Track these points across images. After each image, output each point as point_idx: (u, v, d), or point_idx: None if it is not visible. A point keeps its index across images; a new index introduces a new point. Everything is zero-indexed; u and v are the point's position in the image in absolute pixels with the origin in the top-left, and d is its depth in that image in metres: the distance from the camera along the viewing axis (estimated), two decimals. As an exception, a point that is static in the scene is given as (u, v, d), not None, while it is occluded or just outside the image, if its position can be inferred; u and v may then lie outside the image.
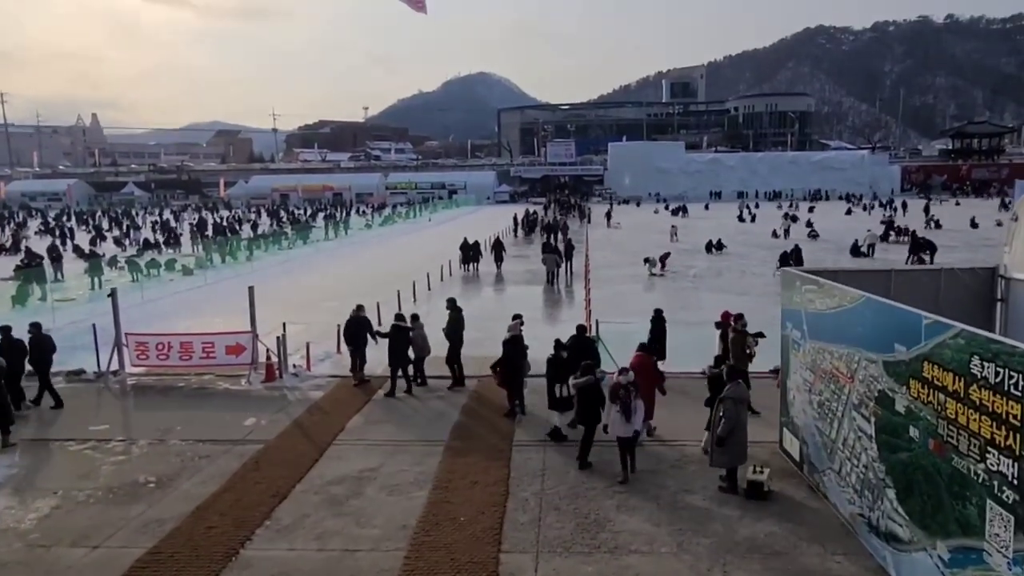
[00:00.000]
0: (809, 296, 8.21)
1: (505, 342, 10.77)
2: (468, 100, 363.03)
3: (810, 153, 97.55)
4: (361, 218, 56.07)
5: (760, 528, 7.29)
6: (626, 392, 8.23)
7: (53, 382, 12.63)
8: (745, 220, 49.83)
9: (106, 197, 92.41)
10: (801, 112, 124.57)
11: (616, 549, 6.95)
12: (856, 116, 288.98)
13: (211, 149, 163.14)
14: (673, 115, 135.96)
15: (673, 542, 7.06)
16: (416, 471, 8.80)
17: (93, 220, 56.32)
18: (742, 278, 25.31)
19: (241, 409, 11.18)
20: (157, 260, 27.75)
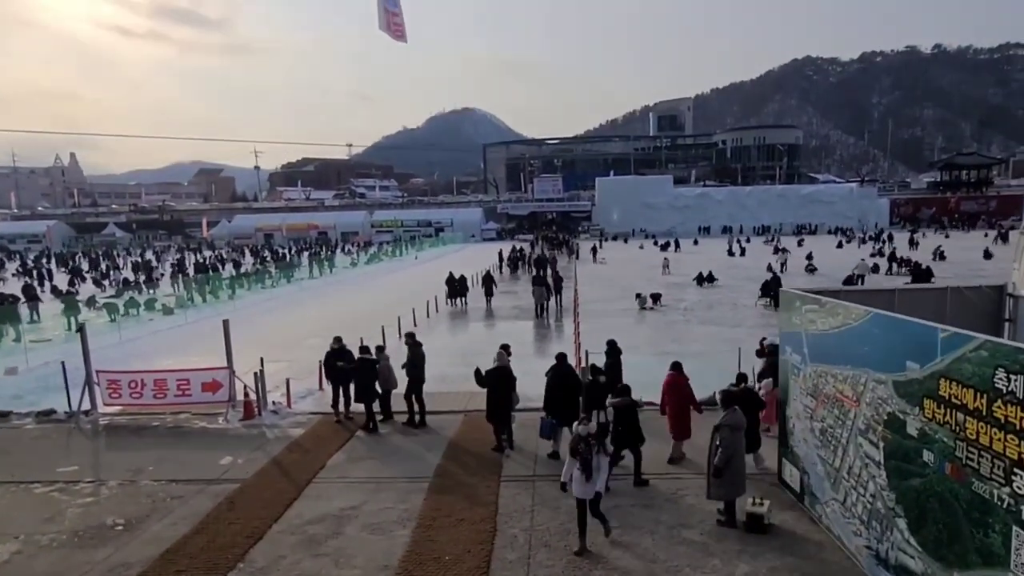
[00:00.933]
0: (810, 316, 7.94)
1: (488, 372, 10.42)
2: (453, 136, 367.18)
3: (799, 186, 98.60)
4: (347, 256, 55.75)
5: (761, 563, 6.89)
6: (586, 447, 7.08)
7: (23, 423, 12.18)
8: (735, 254, 50.07)
9: (87, 238, 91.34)
10: (789, 145, 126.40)
11: (610, 589, 6.53)
12: (844, 149, 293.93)
13: (193, 188, 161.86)
14: (661, 148, 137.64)
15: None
16: (400, 509, 8.36)
17: (73, 261, 55.53)
18: (734, 311, 25.10)
19: (217, 448, 10.70)
20: (136, 300, 27.21)
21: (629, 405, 8.96)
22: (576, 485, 7.13)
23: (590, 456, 7.02)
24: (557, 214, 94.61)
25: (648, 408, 12.06)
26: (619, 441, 8.92)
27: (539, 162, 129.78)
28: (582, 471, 7.02)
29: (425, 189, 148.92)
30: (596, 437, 7.11)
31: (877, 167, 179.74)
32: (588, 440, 7.09)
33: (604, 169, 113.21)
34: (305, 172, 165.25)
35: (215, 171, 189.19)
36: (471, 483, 9.05)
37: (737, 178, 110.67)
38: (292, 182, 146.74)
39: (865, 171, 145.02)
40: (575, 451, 7.07)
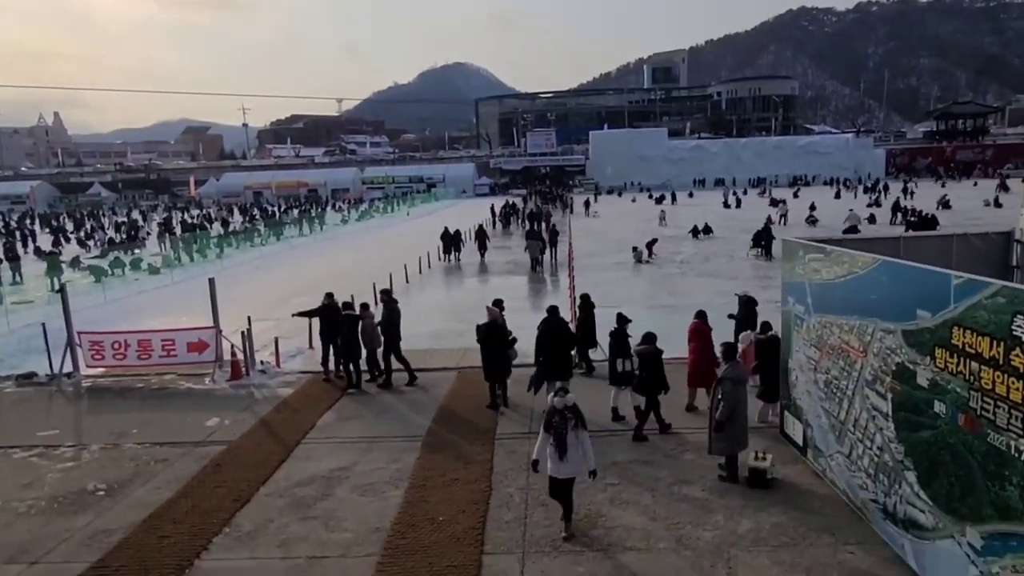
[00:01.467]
0: (814, 266, 7.59)
1: (478, 328, 10.11)
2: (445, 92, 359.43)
3: (795, 138, 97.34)
4: (337, 213, 54.92)
5: (765, 519, 6.69)
6: (561, 421, 6.28)
7: (2, 387, 11.87)
8: (731, 206, 49.70)
9: (71, 199, 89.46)
10: (785, 96, 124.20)
11: (609, 547, 6.32)
12: (839, 100, 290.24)
13: (180, 147, 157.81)
14: (655, 101, 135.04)
15: (671, 537, 6.45)
16: (392, 469, 8.12)
17: (57, 222, 54.48)
18: (731, 262, 24.83)
19: (204, 409, 10.43)
20: (121, 260, 26.66)
21: (654, 353, 8.79)
22: (551, 463, 6.43)
23: (564, 431, 6.27)
24: (551, 168, 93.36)
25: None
26: (643, 388, 8.81)
27: (532, 116, 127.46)
28: (556, 448, 6.31)
29: (417, 145, 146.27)
30: (572, 410, 6.35)
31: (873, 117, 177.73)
32: (564, 414, 6.31)
33: (598, 123, 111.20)
34: (295, 129, 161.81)
35: (202, 129, 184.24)
36: (465, 441, 8.81)
37: (732, 130, 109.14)
38: (281, 139, 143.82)
39: (861, 121, 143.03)
40: (549, 425, 6.34)
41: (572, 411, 6.34)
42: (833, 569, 5.82)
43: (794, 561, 5.95)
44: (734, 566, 5.92)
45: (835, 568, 5.83)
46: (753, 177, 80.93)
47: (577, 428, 6.31)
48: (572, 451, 6.28)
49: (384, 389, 11.18)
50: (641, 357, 8.80)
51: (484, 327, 10.11)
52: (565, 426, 6.27)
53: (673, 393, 10.53)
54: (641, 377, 8.83)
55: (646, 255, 25.55)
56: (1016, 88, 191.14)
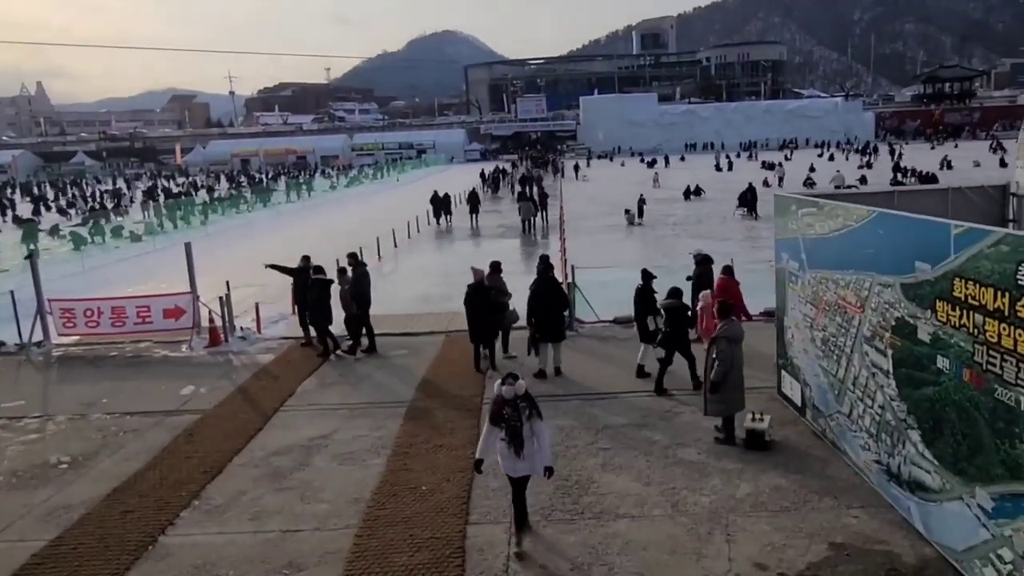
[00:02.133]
0: (807, 220, 7.21)
1: (468, 288, 9.74)
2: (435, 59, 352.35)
3: (784, 102, 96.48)
4: (326, 180, 53.97)
5: (764, 482, 6.41)
6: (514, 411, 5.35)
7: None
8: (722, 169, 49.55)
9: (54, 168, 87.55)
10: (773, 61, 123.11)
11: (602, 514, 6.03)
12: (827, 65, 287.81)
13: (166, 115, 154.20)
14: (644, 67, 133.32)
15: (667, 503, 6.16)
16: (374, 436, 7.78)
17: (38, 190, 53.15)
18: (723, 224, 24.62)
19: (179, 377, 10.02)
20: (102, 227, 25.94)
21: (679, 307, 8.65)
22: (504, 461, 5.53)
23: (519, 423, 5.32)
24: (541, 134, 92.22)
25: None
26: (669, 343, 8.60)
27: (522, 82, 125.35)
28: (511, 443, 5.37)
29: (407, 112, 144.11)
30: (525, 399, 5.41)
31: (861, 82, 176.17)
32: (516, 404, 5.35)
33: (588, 88, 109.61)
34: (283, 97, 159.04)
35: (189, 97, 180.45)
36: (451, 407, 8.48)
37: (722, 95, 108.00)
38: (269, 107, 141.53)
39: (849, 86, 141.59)
40: (498, 418, 5.38)
41: (525, 400, 5.40)
42: (837, 533, 5.55)
43: (795, 526, 5.68)
44: (732, 532, 5.64)
45: (839, 532, 5.56)
46: (744, 141, 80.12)
47: (532, 419, 5.39)
48: (529, 446, 5.40)
49: (369, 355, 10.78)
50: (667, 311, 8.62)
51: (469, 288, 9.73)
52: (519, 418, 5.33)
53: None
54: (666, 332, 8.63)
55: (638, 220, 25.25)
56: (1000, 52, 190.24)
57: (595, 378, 9.35)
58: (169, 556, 5.65)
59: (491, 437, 5.49)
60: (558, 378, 9.43)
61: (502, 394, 5.39)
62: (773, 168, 43.09)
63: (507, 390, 5.38)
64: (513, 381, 5.42)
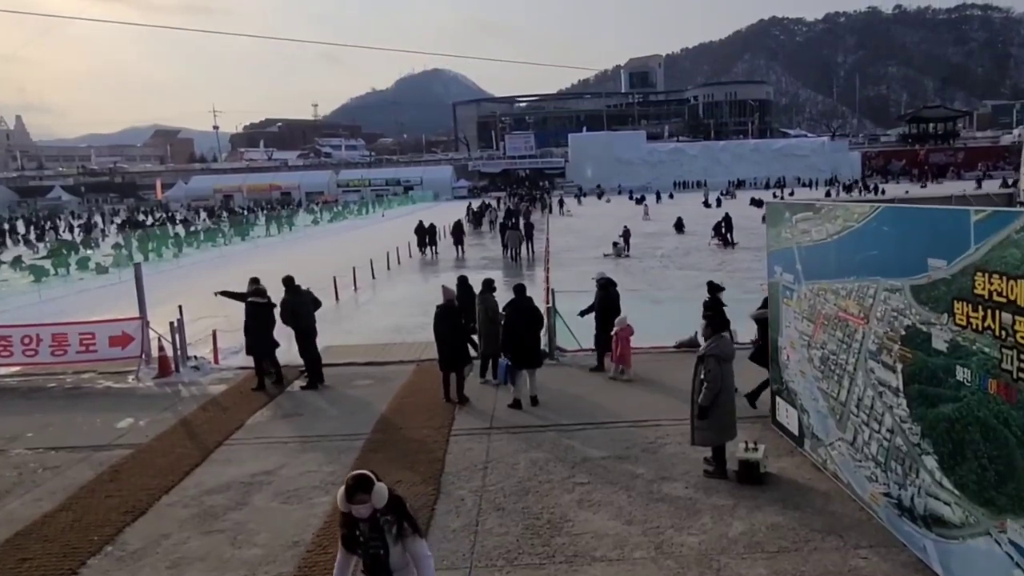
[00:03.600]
0: (802, 227, 6.61)
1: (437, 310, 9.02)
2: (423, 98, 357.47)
3: (771, 140, 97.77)
4: (309, 215, 53.38)
5: (760, 519, 5.64)
6: (374, 532, 3.46)
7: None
8: (710, 205, 49.84)
9: (30, 203, 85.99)
10: (760, 100, 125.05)
11: (576, 557, 5.23)
12: (813, 106, 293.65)
13: (149, 150, 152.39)
14: (633, 105, 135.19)
15: (650, 544, 5.36)
16: (324, 472, 6.96)
17: (9, 224, 51.97)
18: (712, 255, 24.20)
19: (119, 409, 9.16)
20: (66, 259, 25.08)
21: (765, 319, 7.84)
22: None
23: (382, 548, 3.44)
24: (530, 171, 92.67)
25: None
26: (762, 357, 7.89)
27: (510, 120, 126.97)
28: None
29: (394, 149, 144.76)
30: (391, 509, 3.45)
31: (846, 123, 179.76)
32: (375, 522, 3.45)
33: (576, 126, 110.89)
34: (269, 133, 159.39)
35: (172, 132, 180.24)
36: (415, 439, 7.68)
37: (710, 134, 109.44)
38: (255, 143, 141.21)
39: (835, 126, 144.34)
40: (351, 542, 3.52)
41: (391, 511, 3.44)
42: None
43: (796, 569, 4.90)
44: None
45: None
46: (732, 179, 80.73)
47: (404, 537, 3.47)
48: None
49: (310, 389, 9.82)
50: (760, 323, 7.89)
51: (438, 309, 9.00)
52: (382, 540, 3.44)
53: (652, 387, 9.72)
54: (760, 345, 7.87)
55: (625, 250, 24.87)
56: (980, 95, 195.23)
57: (575, 408, 8.61)
58: (64, 613, 4.79)
59: (346, 569, 3.65)
60: (534, 408, 8.68)
61: (350, 512, 3.38)
62: (761, 205, 43.38)
63: (359, 508, 3.34)
64: (367, 491, 3.31)
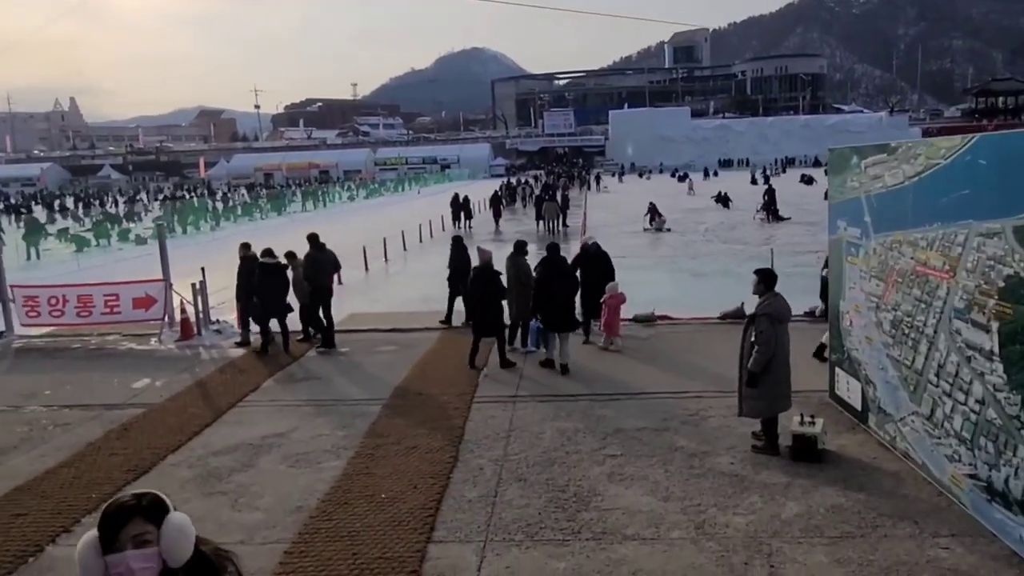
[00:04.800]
0: (874, 172, 5.79)
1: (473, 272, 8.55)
2: (462, 77, 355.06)
3: (824, 116, 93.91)
4: (345, 192, 53.49)
5: (817, 500, 4.95)
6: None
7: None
8: (757, 182, 48.01)
9: (81, 181, 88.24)
10: (813, 75, 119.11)
11: (604, 534, 4.64)
12: (869, 82, 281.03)
13: (193, 130, 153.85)
14: (677, 81, 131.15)
15: (689, 523, 4.73)
16: (337, 436, 6.50)
17: (60, 201, 53.57)
18: (759, 230, 23.15)
19: (137, 370, 8.90)
20: (107, 230, 25.44)
21: None
22: None
23: None
24: (568, 149, 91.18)
25: (662, 324, 10.33)
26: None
27: (550, 97, 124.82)
28: None
29: (432, 127, 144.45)
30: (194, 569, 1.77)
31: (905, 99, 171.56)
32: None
33: (618, 103, 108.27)
34: (309, 112, 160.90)
35: (216, 113, 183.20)
36: (435, 405, 7.17)
37: (758, 110, 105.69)
38: (296, 123, 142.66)
39: (893, 102, 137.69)
40: None
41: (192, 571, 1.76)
42: (923, 570, 4.08)
43: (864, 558, 4.21)
44: (778, 563, 4.20)
45: (926, 570, 4.09)
46: (780, 157, 77.87)
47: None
48: None
49: (328, 350, 9.48)
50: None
51: (473, 271, 8.56)
52: None
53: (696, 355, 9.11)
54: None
55: (667, 226, 23.96)
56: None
57: (608, 378, 7.98)
58: (51, 570, 4.42)
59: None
60: (565, 376, 8.10)
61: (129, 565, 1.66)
62: (811, 182, 41.61)
63: (133, 560, 1.67)
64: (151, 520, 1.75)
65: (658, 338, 9.68)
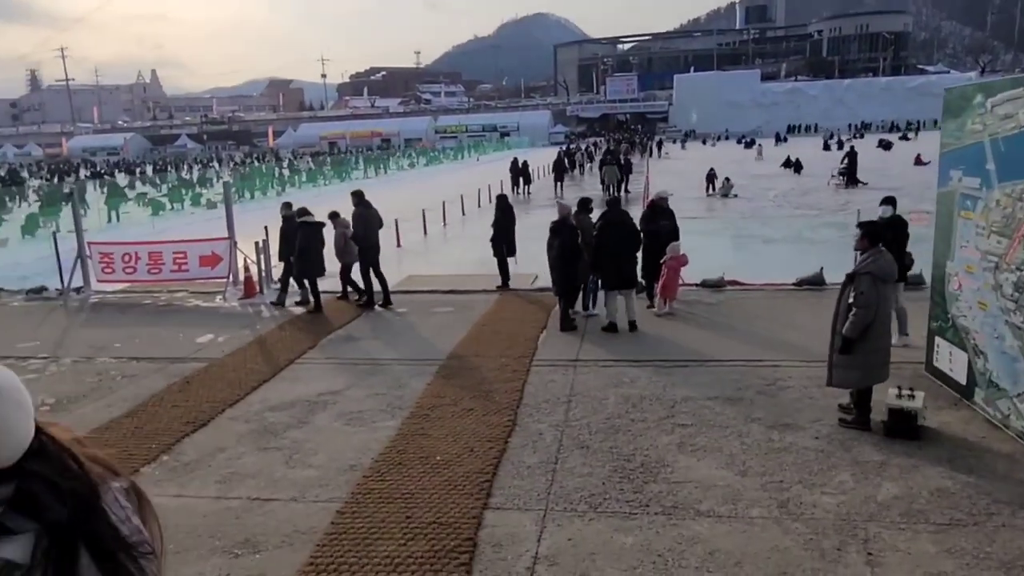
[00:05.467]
0: (1005, 110, 5.05)
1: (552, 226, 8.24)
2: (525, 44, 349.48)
3: (906, 78, 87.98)
4: (405, 159, 53.92)
5: (919, 483, 4.43)
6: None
7: (10, 301, 10.96)
8: (831, 148, 45.37)
9: (160, 150, 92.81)
10: (896, 33, 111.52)
11: (675, 508, 4.27)
12: (958, 41, 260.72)
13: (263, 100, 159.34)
14: (747, 43, 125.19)
15: (771, 501, 4.30)
16: (393, 395, 6.31)
17: (140, 169, 56.29)
18: (835, 195, 21.87)
19: (201, 326, 8.98)
20: (181, 194, 26.38)
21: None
22: None
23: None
24: (631, 115, 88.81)
25: (731, 289, 9.74)
26: None
27: (613, 62, 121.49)
28: None
29: (493, 95, 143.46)
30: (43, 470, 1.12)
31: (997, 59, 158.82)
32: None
33: (684, 68, 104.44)
34: (373, 82, 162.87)
35: (285, 83, 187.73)
36: (493, 367, 6.89)
37: (833, 72, 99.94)
38: (361, 92, 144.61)
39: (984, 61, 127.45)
40: None
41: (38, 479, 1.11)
42: (1053, 567, 3.54)
43: (979, 550, 3.70)
44: (877, 550, 3.74)
45: (1056, 566, 3.55)
46: (855, 122, 73.52)
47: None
48: None
49: (366, 309, 9.41)
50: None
51: (552, 225, 8.23)
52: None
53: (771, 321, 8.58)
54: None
55: (733, 189, 22.92)
56: None
57: (676, 343, 7.53)
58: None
59: None
60: (629, 337, 7.73)
61: None
62: (889, 148, 39.15)
63: None
64: None
65: (727, 304, 9.13)
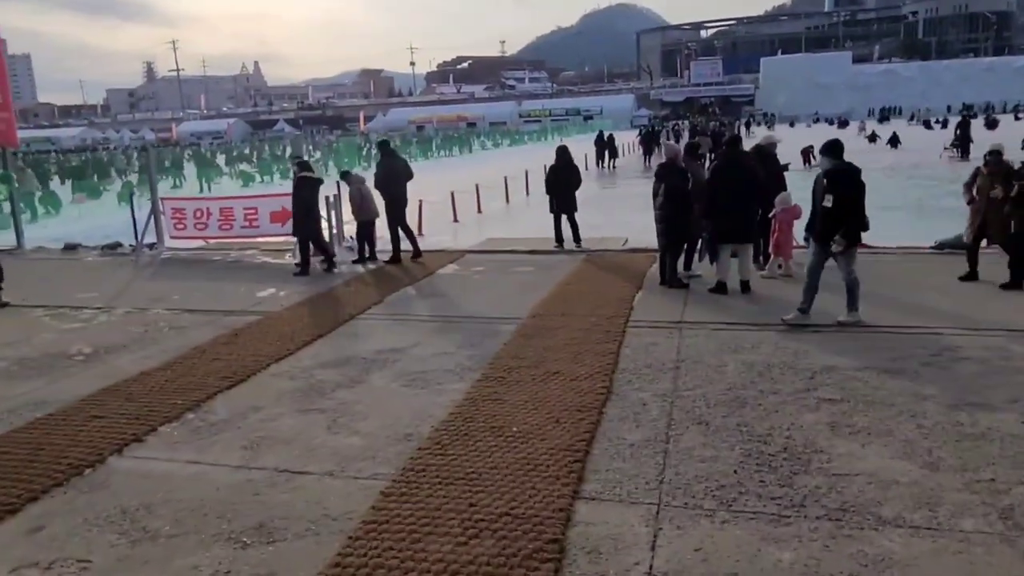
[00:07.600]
0: None
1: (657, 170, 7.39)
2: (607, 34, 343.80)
3: (1012, 58, 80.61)
4: (488, 140, 53.88)
5: None
6: None
7: (86, 256, 10.79)
8: (932, 128, 42.57)
9: (260, 134, 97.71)
10: (999, 13, 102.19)
11: (845, 513, 3.08)
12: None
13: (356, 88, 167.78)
14: (837, 25, 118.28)
15: (987, 507, 3.05)
16: (463, 355, 5.36)
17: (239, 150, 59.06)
18: (948, 167, 20.34)
19: (265, 281, 8.44)
20: (270, 166, 27.53)
21: None
22: None
23: None
24: (715, 99, 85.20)
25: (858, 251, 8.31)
26: None
27: (697, 47, 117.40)
28: None
29: (576, 81, 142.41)
30: None
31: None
32: None
33: (770, 52, 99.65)
34: (460, 70, 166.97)
35: (376, 72, 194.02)
36: (580, 327, 5.84)
37: (929, 55, 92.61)
38: (448, 80, 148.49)
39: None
40: None
41: None
42: None
43: None
44: None
45: None
46: (955, 104, 67.43)
47: None
48: None
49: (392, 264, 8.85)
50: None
51: (658, 169, 7.36)
52: None
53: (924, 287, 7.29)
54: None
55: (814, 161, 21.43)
56: None
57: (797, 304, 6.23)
58: (102, 488, 3.55)
59: None
60: (742, 298, 6.60)
61: None
62: (995, 126, 36.27)
63: None
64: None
65: (857, 267, 7.72)
